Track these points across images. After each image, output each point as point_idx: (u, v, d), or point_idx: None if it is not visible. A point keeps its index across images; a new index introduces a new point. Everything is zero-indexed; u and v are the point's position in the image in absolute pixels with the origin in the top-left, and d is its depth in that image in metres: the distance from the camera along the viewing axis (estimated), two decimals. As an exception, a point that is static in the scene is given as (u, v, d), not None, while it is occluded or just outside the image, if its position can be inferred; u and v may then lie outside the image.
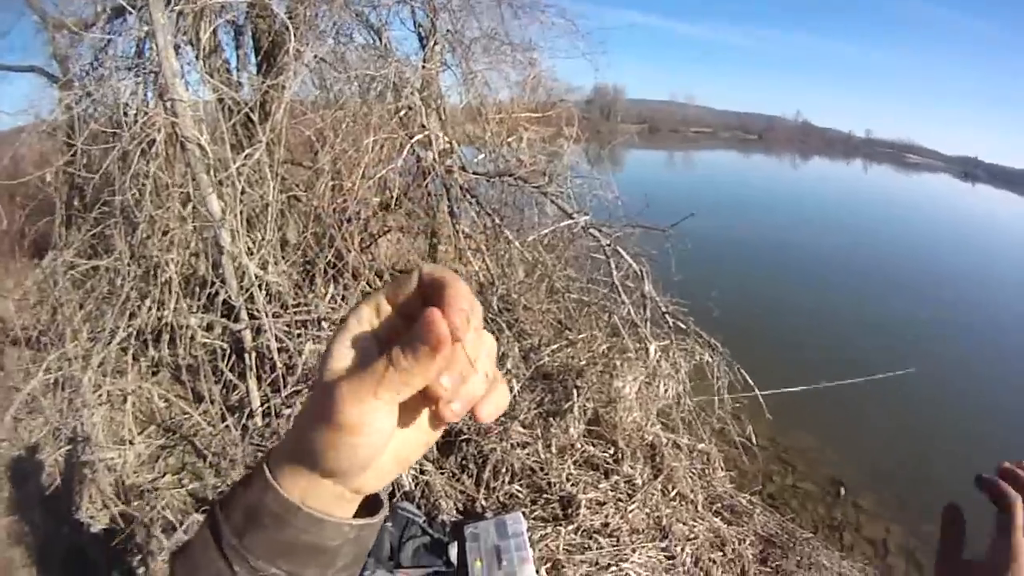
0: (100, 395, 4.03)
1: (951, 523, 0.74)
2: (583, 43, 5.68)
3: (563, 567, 3.49)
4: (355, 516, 0.53)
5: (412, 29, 5.35)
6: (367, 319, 0.48)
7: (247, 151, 3.99)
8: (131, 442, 4.11)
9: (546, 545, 3.60)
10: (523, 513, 3.68)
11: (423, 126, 4.83)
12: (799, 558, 3.96)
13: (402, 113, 4.86)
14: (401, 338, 0.45)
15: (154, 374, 4.59)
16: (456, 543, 3.43)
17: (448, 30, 5.24)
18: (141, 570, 3.56)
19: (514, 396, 4.30)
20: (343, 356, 0.47)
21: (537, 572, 3.35)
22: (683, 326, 4.50)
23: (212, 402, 4.31)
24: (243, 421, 4.15)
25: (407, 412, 0.47)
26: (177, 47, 3.81)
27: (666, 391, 4.34)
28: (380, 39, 5.05)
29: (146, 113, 3.82)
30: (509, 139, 5.31)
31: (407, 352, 0.43)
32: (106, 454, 3.94)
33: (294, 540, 0.48)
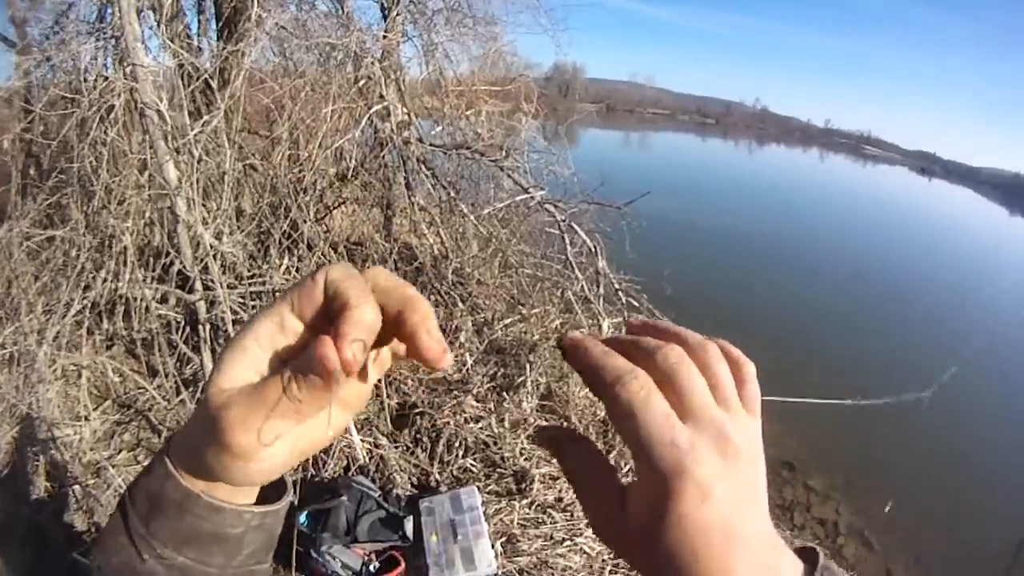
0: (55, 370, 3.93)
1: (552, 443, 0.51)
2: (546, 19, 5.61)
3: (518, 541, 3.51)
4: (260, 501, 0.52)
5: (374, -1, 5.26)
6: (266, 336, 0.45)
7: (205, 118, 3.89)
8: (87, 418, 4.01)
9: (501, 519, 3.62)
10: (477, 487, 3.70)
11: (382, 97, 4.76)
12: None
13: (361, 83, 4.78)
14: (293, 363, 0.42)
15: (108, 348, 4.48)
16: (411, 517, 3.43)
17: (408, 1, 5.15)
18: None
19: (467, 370, 4.31)
20: (234, 375, 0.44)
21: (492, 546, 3.37)
22: (636, 303, 4.52)
23: (167, 376, 4.22)
24: (198, 395, 4.08)
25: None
26: (139, 11, 3.69)
27: (618, 367, 4.36)
28: (342, 8, 4.94)
29: (106, 79, 3.70)
30: (467, 112, 5.26)
31: (300, 382, 0.41)
32: (62, 431, 3.85)
33: (196, 528, 0.47)
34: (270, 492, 0.53)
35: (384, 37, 4.99)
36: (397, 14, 5.07)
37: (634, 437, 0.41)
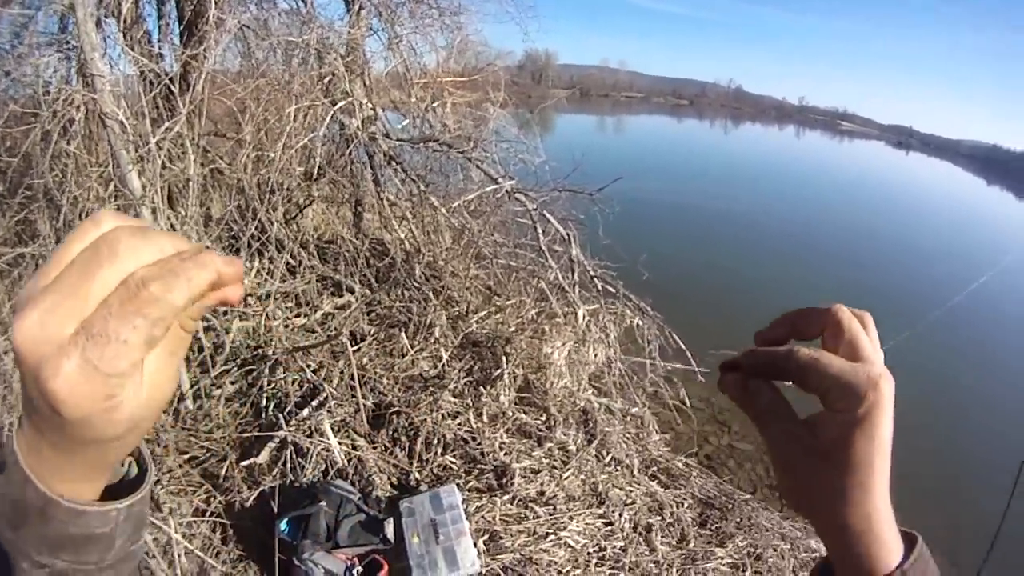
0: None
1: (740, 391, 0.59)
2: (513, 7, 5.54)
3: (501, 538, 3.45)
4: (123, 489, 0.50)
5: (339, -6, 5.15)
6: None
7: (166, 125, 3.79)
8: None
9: (482, 516, 3.55)
10: (457, 485, 3.62)
11: (346, 93, 4.68)
12: (738, 519, 4.00)
13: (326, 80, 4.69)
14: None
15: None
16: (392, 519, 3.36)
17: (373, -6, 5.05)
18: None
19: (443, 365, 4.24)
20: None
21: (475, 544, 3.30)
22: (612, 290, 4.48)
23: None
24: (174, 405, 3.98)
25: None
26: (99, 20, 3.59)
27: (596, 355, 4.33)
28: (305, 3, 4.85)
29: (66, 91, 3.59)
30: (434, 104, 5.18)
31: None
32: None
33: (63, 533, 0.44)
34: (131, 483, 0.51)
35: (348, 32, 4.90)
36: (361, 8, 4.98)
37: (824, 375, 0.53)
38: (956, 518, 4.80)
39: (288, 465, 3.51)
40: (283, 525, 3.16)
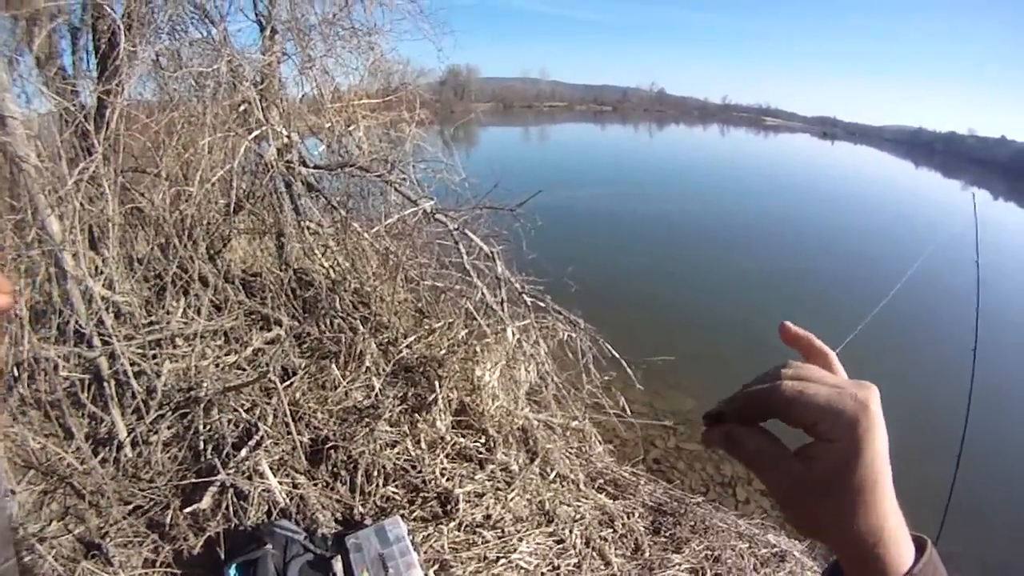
0: (-26, 444, 3.66)
1: (725, 441, 0.60)
2: (427, 25, 5.49)
3: (451, 566, 3.39)
4: None
5: (253, 19, 5.03)
6: None
7: (82, 165, 3.65)
8: (13, 491, 3.74)
9: (431, 546, 3.48)
10: (402, 516, 3.55)
11: (260, 121, 4.57)
12: (692, 523, 4.00)
13: (240, 109, 4.58)
14: None
15: (23, 414, 4.22)
16: (340, 556, 3.28)
17: (287, 19, 4.95)
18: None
19: (376, 394, 4.15)
20: None
21: (425, 575, 3.23)
22: (542, 304, 4.47)
23: (84, 439, 3.97)
24: (114, 454, 3.85)
25: None
26: (11, 60, 3.43)
27: (528, 372, 4.30)
28: (217, 30, 4.72)
29: None
30: (349, 128, 5.10)
31: None
32: (-9, 509, 3.56)
33: None
34: None
35: (262, 58, 4.80)
36: (274, 32, 4.88)
37: (811, 407, 0.53)
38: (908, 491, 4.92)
39: (231, 509, 3.42)
40: (232, 571, 3.09)
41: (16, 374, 3.91)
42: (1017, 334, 9.43)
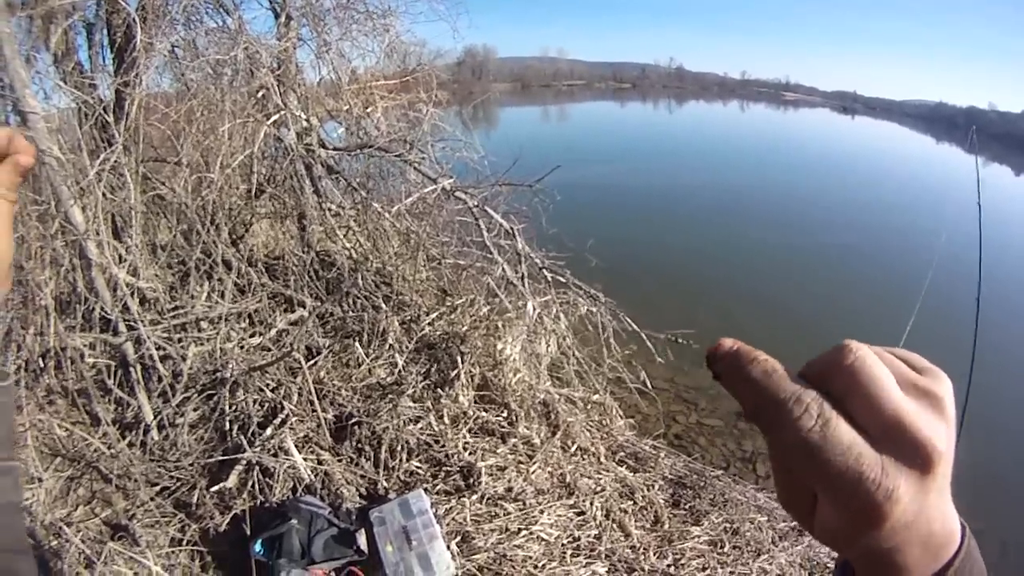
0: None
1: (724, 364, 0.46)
2: (443, 5, 5.49)
3: (473, 538, 3.45)
4: None
5: (267, 6, 5.06)
6: None
7: (103, 156, 3.71)
8: (40, 479, 3.84)
9: (453, 518, 3.55)
10: (425, 489, 3.62)
11: (279, 106, 4.61)
12: (712, 496, 4.03)
13: (259, 95, 4.62)
14: None
15: (50, 403, 4.30)
16: (364, 530, 3.35)
17: (301, 4, 4.98)
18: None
19: (400, 371, 4.21)
20: None
21: (448, 547, 3.30)
22: (562, 279, 4.48)
23: (111, 423, 4.06)
24: (141, 438, 3.95)
25: None
26: (29, 56, 3.50)
27: (550, 347, 4.33)
28: (232, 18, 4.76)
29: None
30: (367, 110, 5.13)
31: None
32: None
33: None
34: None
35: (278, 44, 4.83)
36: (289, 18, 4.90)
37: (821, 473, 0.39)
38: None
39: (257, 486, 3.49)
40: (257, 547, 3.17)
41: (42, 364, 4.00)
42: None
